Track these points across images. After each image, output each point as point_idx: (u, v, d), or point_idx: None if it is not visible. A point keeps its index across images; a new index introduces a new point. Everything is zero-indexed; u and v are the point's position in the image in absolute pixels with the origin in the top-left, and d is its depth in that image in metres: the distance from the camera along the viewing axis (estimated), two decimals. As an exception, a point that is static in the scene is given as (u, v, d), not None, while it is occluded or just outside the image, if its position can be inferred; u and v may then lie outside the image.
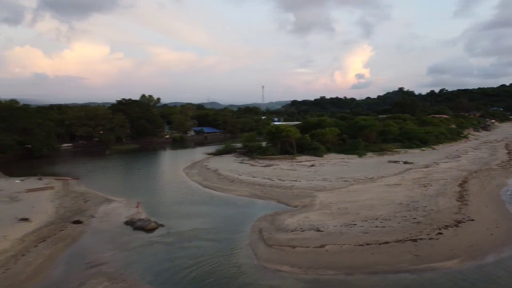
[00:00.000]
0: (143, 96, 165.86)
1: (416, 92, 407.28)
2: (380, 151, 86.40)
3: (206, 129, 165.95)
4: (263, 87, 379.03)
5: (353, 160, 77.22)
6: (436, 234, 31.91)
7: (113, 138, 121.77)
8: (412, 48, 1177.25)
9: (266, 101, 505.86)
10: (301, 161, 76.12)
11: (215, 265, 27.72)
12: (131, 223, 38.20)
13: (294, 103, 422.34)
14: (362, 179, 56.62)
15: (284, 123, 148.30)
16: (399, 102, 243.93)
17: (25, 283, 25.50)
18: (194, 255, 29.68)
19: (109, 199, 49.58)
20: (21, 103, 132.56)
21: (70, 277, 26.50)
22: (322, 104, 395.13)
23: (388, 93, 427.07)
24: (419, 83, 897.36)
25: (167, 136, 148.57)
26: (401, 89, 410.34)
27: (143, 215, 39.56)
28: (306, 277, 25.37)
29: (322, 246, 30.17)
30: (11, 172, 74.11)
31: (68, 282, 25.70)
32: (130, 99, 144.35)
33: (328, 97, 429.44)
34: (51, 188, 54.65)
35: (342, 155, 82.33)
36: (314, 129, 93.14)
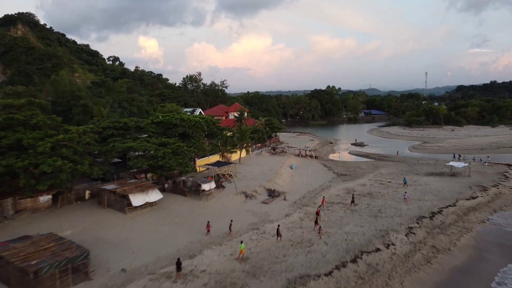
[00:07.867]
0: (328, 86, 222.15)
1: None
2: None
3: (373, 112, 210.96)
4: (426, 73, 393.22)
5: (485, 129, 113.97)
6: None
7: (310, 116, 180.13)
8: None
9: (432, 86, 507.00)
10: (445, 129, 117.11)
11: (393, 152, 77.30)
12: (354, 145, 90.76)
13: (461, 88, 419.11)
14: (480, 135, 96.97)
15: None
16: None
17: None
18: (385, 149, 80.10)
19: (336, 139, 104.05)
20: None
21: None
22: (493, 89, 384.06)
23: None
24: None
25: (344, 116, 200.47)
26: None
27: (362, 143, 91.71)
28: (431, 154, 72.59)
29: (439, 147, 76.71)
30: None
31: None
32: (320, 89, 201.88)
33: (501, 80, 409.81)
34: (308, 134, 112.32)
35: (479, 126, 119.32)
36: (460, 108, 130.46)
